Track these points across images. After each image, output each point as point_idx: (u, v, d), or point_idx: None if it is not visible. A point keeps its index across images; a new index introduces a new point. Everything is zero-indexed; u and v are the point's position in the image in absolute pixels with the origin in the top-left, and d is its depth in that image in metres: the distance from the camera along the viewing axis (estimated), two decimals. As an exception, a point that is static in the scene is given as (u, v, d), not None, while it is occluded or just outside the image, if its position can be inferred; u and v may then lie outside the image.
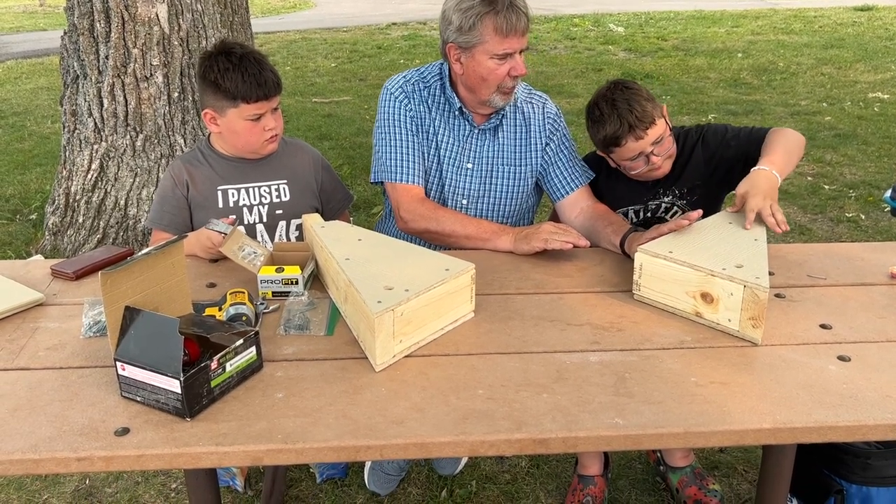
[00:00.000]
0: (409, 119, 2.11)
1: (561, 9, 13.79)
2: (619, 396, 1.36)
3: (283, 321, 1.61)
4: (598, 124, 2.03)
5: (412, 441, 1.26)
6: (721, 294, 1.57)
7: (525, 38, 1.99)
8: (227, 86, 1.96)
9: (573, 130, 2.39)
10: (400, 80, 2.15)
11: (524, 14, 1.96)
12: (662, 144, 2.02)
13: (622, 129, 1.98)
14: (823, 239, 4.14)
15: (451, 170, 2.14)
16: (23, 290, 1.72)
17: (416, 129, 2.11)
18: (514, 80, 2.04)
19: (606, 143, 2.04)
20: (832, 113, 6.59)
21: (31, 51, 10.12)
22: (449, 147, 2.13)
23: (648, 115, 1.98)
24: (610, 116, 1.99)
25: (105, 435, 1.26)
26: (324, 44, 10.52)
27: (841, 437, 1.31)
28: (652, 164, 2.03)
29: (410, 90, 2.13)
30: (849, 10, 12.88)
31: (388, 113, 2.12)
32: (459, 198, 2.16)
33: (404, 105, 2.11)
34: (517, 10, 1.94)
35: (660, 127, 2.01)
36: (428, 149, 2.13)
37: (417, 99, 2.13)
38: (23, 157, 5.62)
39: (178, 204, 2.09)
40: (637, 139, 1.99)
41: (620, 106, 1.98)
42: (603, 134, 2.02)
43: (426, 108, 2.13)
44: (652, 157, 2.02)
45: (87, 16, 3.57)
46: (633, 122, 1.96)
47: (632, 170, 2.06)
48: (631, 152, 2.01)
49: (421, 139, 2.12)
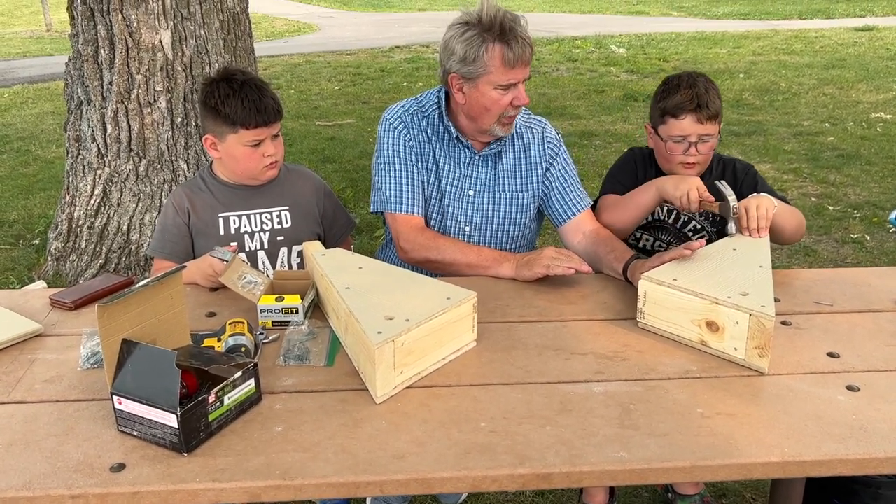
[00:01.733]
0: (408, 149, 2.11)
1: (563, 31, 13.87)
2: (623, 429, 1.33)
3: (283, 351, 1.59)
4: (670, 91, 2.06)
5: (413, 476, 1.23)
6: (726, 322, 1.55)
7: (528, 67, 2.00)
8: (226, 111, 1.96)
9: (575, 152, 2.40)
10: (398, 111, 2.15)
11: (528, 44, 1.96)
12: (707, 144, 2.06)
13: (690, 104, 2.02)
14: (829, 260, 4.11)
15: (452, 197, 2.13)
16: (21, 321, 1.71)
17: (415, 158, 2.11)
18: (516, 110, 2.04)
19: (665, 111, 2.06)
20: (835, 133, 6.59)
21: (37, 76, 10.19)
22: (450, 175, 2.13)
23: (715, 109, 2.04)
24: (686, 90, 2.04)
25: (100, 471, 1.23)
26: (327, 67, 10.58)
27: (851, 471, 1.28)
28: (689, 155, 2.05)
29: (409, 120, 2.13)
30: (849, 30, 12.93)
31: (388, 143, 2.12)
32: (462, 225, 2.15)
33: (403, 135, 2.11)
34: (522, 41, 1.94)
35: (715, 128, 2.06)
36: (428, 177, 2.13)
37: (417, 129, 2.12)
38: (27, 181, 5.63)
39: (179, 232, 2.09)
40: (695, 121, 2.02)
41: (699, 87, 2.04)
42: (670, 101, 2.05)
43: (426, 137, 2.13)
44: (693, 148, 2.04)
45: (91, 42, 3.59)
46: (702, 104, 2.02)
47: (669, 151, 2.07)
48: (682, 131, 2.04)
49: (420, 168, 2.11)
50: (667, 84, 2.10)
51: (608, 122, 7.20)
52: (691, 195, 1.88)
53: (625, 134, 6.68)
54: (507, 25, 1.93)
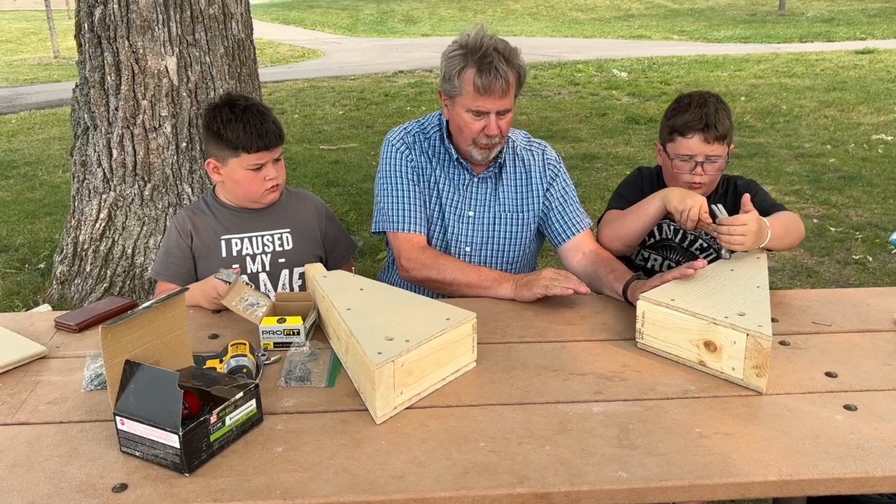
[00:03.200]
0: (409, 168, 2.14)
1: (565, 55, 14.00)
2: (622, 448, 1.34)
3: (284, 372, 1.60)
4: (680, 109, 2.09)
5: (412, 496, 1.24)
6: (724, 342, 1.56)
7: (506, 100, 2.00)
8: (228, 136, 2.00)
9: (577, 175, 2.43)
10: (400, 132, 2.19)
11: (503, 78, 1.95)
12: (715, 164, 2.07)
13: (698, 124, 2.04)
14: (831, 281, 4.12)
15: (453, 218, 2.16)
16: (26, 344, 1.73)
17: (416, 178, 2.14)
18: (489, 139, 2.05)
19: (674, 129, 2.08)
20: (836, 155, 6.62)
21: (44, 102, 10.32)
22: (450, 196, 2.16)
23: (724, 130, 2.05)
24: (696, 109, 2.06)
25: (103, 491, 1.24)
26: (332, 92, 10.68)
27: (849, 490, 1.28)
28: (695, 175, 2.07)
29: (411, 141, 2.16)
30: (850, 53, 13.02)
31: (390, 164, 2.15)
32: (463, 245, 2.17)
33: (405, 156, 2.14)
34: (497, 72, 1.94)
35: (723, 149, 2.07)
36: (429, 198, 2.15)
37: (418, 150, 2.16)
38: (33, 206, 5.68)
39: (182, 255, 2.11)
40: (703, 141, 2.04)
41: (709, 107, 2.06)
42: (679, 120, 2.07)
43: (427, 158, 2.16)
44: (699, 168, 2.06)
45: (98, 69, 3.65)
46: (710, 124, 2.03)
47: (675, 169, 2.09)
48: (688, 150, 2.06)
49: (422, 188, 2.14)
50: (678, 102, 2.12)
51: (610, 144, 7.25)
52: (692, 213, 1.90)
53: (626, 157, 6.72)
54: (488, 53, 1.95)
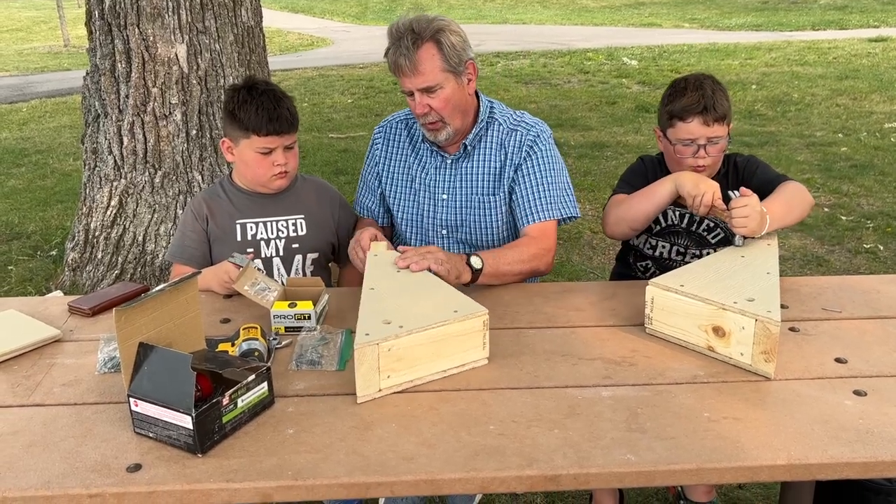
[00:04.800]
0: (369, 158, 2.29)
1: (574, 43, 13.92)
2: (631, 432, 1.35)
3: (296, 356, 1.62)
4: (677, 94, 2.07)
5: (422, 478, 1.25)
6: (733, 328, 1.56)
7: (419, 77, 1.97)
8: (241, 116, 2.02)
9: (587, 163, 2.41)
10: (388, 118, 2.29)
11: (406, 54, 1.94)
12: (717, 146, 2.06)
13: (696, 107, 2.02)
14: (841, 270, 4.10)
15: (428, 201, 2.18)
16: (40, 327, 1.75)
17: (372, 166, 2.28)
18: (422, 118, 2.05)
19: (673, 114, 2.06)
20: (848, 144, 6.57)
21: (55, 90, 10.34)
22: (424, 179, 2.18)
23: (723, 111, 2.04)
24: (692, 92, 2.04)
25: (117, 471, 1.26)
26: (341, 80, 10.67)
27: (857, 474, 1.29)
28: (698, 158, 2.05)
29: (388, 128, 2.27)
30: (863, 41, 12.89)
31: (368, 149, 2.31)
32: (439, 228, 2.19)
33: (372, 143, 2.28)
34: (401, 47, 1.95)
35: (723, 129, 2.06)
36: (399, 183, 2.23)
37: (397, 135, 2.25)
38: (45, 194, 5.71)
39: (198, 238, 2.13)
40: (703, 124, 2.02)
41: (706, 89, 2.04)
42: (677, 104, 2.05)
43: (408, 142, 2.22)
44: (702, 150, 2.04)
45: (108, 57, 3.66)
46: (709, 106, 2.02)
47: (678, 154, 2.07)
48: (690, 134, 2.04)
49: (378, 175, 2.27)
50: (673, 87, 2.11)
51: (620, 133, 7.22)
52: (706, 198, 1.89)
53: (636, 145, 6.69)
54: (400, 33, 1.96)
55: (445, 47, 1.97)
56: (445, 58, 1.98)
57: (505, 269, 1.95)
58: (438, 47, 1.97)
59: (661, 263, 2.21)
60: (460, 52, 2.00)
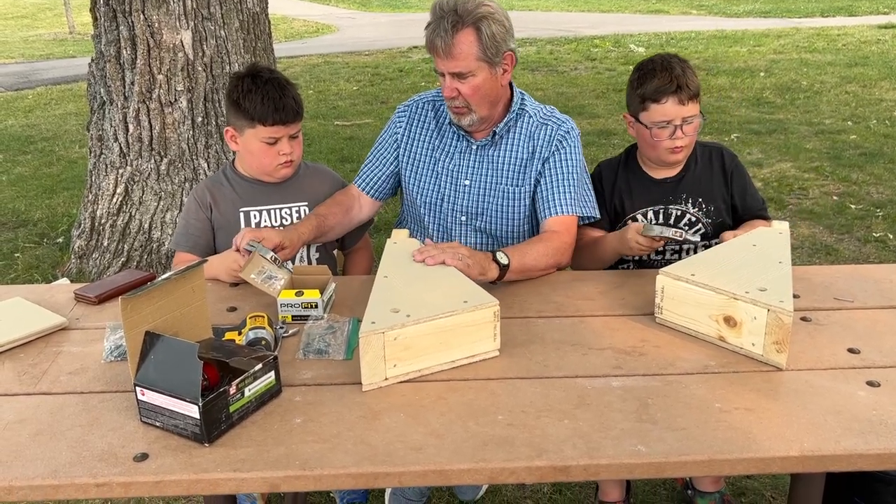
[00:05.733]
0: (389, 133, 2.22)
1: (581, 30, 13.83)
2: (641, 423, 1.34)
3: (303, 345, 1.61)
4: (646, 77, 2.02)
5: (430, 468, 1.24)
6: (744, 318, 1.54)
7: (452, 62, 1.94)
8: (246, 106, 2.00)
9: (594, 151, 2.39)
10: (414, 98, 2.23)
11: (443, 36, 1.90)
12: (691, 125, 2.02)
13: (669, 87, 1.98)
14: (851, 259, 4.07)
15: (449, 186, 2.13)
16: (46, 315, 1.74)
17: (390, 140, 2.22)
18: (450, 101, 2.02)
19: (646, 97, 2.02)
20: (857, 131, 6.51)
21: (60, 77, 10.33)
22: (447, 163, 2.13)
23: (695, 87, 2.01)
24: (662, 73, 2.00)
25: (124, 460, 1.26)
26: (346, 67, 10.63)
27: (871, 466, 1.27)
28: (675, 139, 2.01)
29: (415, 108, 2.20)
30: (872, 27, 12.77)
31: (388, 122, 2.26)
32: (458, 215, 2.15)
33: (394, 120, 2.22)
34: (440, 31, 1.91)
35: (696, 107, 2.02)
36: (421, 165, 2.17)
37: (422, 117, 2.18)
38: (51, 181, 5.71)
39: (201, 226, 2.12)
40: (678, 103, 1.99)
41: (675, 68, 2.00)
42: (649, 87, 2.01)
43: (434, 125, 2.16)
44: (679, 131, 2.01)
45: (113, 43, 3.64)
46: (682, 84, 1.98)
47: (655, 137, 2.03)
48: (665, 115, 2.00)
49: (392, 152, 2.21)
50: (641, 69, 2.06)
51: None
52: (640, 241, 1.90)
53: (643, 133, 6.65)
54: (443, 13, 1.92)
55: (485, 35, 1.92)
56: (483, 46, 1.93)
57: (531, 264, 1.92)
58: (477, 34, 1.92)
59: (643, 265, 2.18)
60: (500, 43, 1.95)
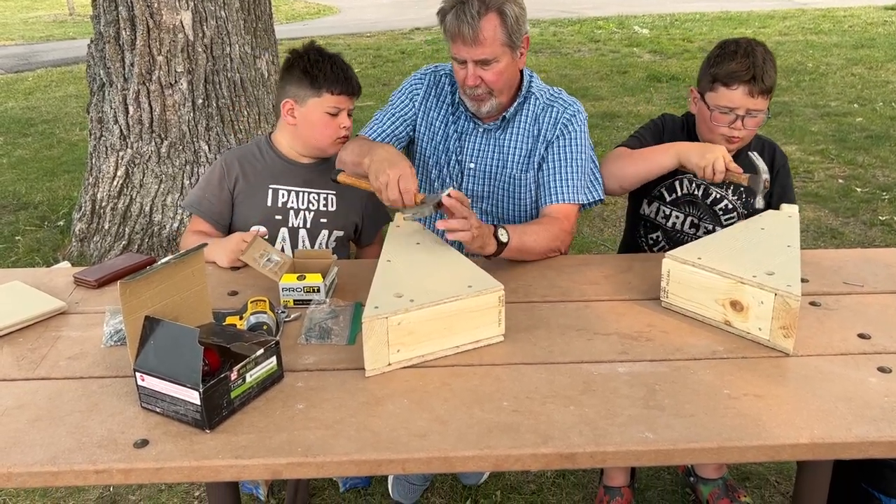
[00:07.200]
0: (406, 94, 2.11)
1: (585, 11, 13.70)
2: (648, 409, 1.32)
3: (305, 330, 1.59)
4: (725, 57, 1.94)
5: (435, 455, 1.22)
6: (751, 302, 1.52)
7: (478, 49, 1.86)
8: (315, 73, 2.01)
9: (598, 134, 2.35)
10: (436, 66, 2.14)
11: (470, 22, 1.82)
12: (755, 119, 1.96)
13: (745, 75, 1.91)
14: (856, 242, 4.04)
15: (455, 167, 2.10)
16: (45, 299, 1.72)
17: (406, 102, 2.11)
18: (471, 89, 1.95)
19: (717, 78, 1.95)
20: (863, 114, 6.46)
21: (60, 59, 10.26)
22: (454, 144, 2.09)
23: (770, 83, 1.94)
24: (742, 58, 1.92)
25: (124, 447, 1.24)
26: (347, 49, 10.54)
27: (883, 453, 1.26)
28: (734, 129, 1.96)
29: (432, 79, 2.11)
30: (879, 9, 12.64)
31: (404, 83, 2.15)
32: None
33: (412, 82, 2.12)
34: (465, 17, 1.83)
35: (765, 103, 1.96)
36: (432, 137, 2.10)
37: (437, 89, 2.10)
38: (51, 164, 5.68)
39: (221, 195, 2.10)
40: (747, 94, 1.92)
41: (757, 56, 1.93)
42: (723, 68, 1.93)
43: (449, 97, 2.09)
44: (739, 122, 1.95)
45: (113, 24, 3.59)
46: (757, 76, 1.91)
47: (714, 121, 1.97)
48: (730, 102, 1.94)
49: (402, 111, 2.11)
50: (723, 48, 1.97)
51: (631, 103, 7.11)
52: (717, 165, 1.81)
53: (648, 115, 6.59)
54: None
55: (509, 19, 1.86)
56: (508, 31, 1.87)
57: (530, 245, 1.89)
58: (502, 18, 1.85)
59: (673, 237, 2.15)
60: (521, 26, 1.90)
